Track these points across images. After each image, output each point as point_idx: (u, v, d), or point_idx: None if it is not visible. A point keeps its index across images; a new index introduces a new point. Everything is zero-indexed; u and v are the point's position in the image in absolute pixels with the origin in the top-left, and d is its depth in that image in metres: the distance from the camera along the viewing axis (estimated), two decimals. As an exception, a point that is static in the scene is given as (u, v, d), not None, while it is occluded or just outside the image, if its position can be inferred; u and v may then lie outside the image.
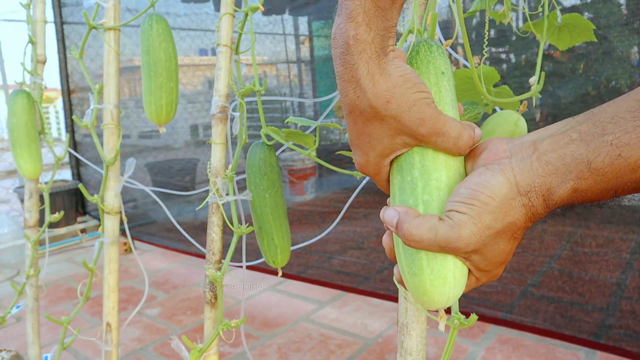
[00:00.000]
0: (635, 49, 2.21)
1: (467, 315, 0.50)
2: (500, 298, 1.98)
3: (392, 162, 0.47)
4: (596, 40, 0.65)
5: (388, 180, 0.48)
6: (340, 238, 2.78)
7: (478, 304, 1.91)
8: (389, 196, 0.49)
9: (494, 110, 0.64)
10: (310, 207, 3.66)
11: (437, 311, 0.46)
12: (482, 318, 1.87)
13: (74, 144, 3.55)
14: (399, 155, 0.46)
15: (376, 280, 2.26)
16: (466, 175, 0.45)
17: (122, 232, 1.21)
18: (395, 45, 0.46)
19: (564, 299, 1.94)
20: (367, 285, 2.25)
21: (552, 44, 0.68)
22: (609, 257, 2.20)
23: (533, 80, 0.60)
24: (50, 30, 3.39)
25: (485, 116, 0.63)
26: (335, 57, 0.43)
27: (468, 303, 1.91)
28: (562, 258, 2.27)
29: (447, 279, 0.43)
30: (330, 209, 3.53)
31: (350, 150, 0.49)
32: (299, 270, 2.46)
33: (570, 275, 2.12)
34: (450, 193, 0.43)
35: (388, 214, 0.45)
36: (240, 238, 0.81)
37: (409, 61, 0.47)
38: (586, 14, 2.25)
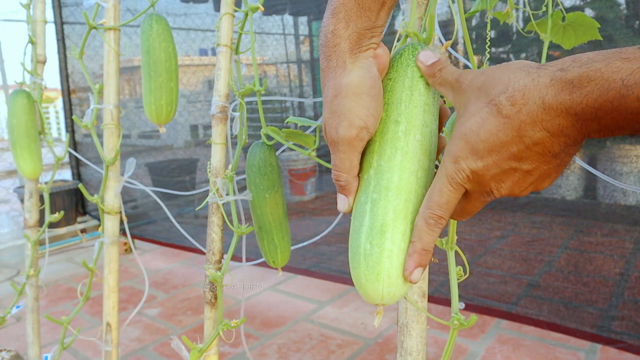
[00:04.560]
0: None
1: (476, 309, 0.51)
2: (506, 289, 1.98)
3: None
4: (601, 38, 0.65)
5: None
6: (340, 237, 2.78)
7: (484, 295, 1.91)
8: None
9: None
10: (310, 206, 3.66)
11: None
12: (487, 311, 1.87)
13: (74, 144, 3.55)
14: (364, 154, 0.47)
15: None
16: (432, 176, 0.47)
17: (122, 232, 1.21)
18: (384, 44, 0.47)
19: (568, 293, 1.94)
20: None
21: (556, 43, 0.67)
22: (613, 253, 2.21)
23: None
24: (50, 30, 3.39)
25: None
26: (318, 47, 0.47)
27: (475, 295, 1.91)
28: (563, 259, 2.28)
29: (381, 276, 0.43)
30: (330, 209, 3.53)
31: None
32: (300, 268, 2.46)
33: (576, 270, 2.12)
34: (399, 195, 0.44)
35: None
36: (240, 238, 0.81)
37: (391, 64, 0.48)
38: (586, 12, 2.25)
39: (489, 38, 0.68)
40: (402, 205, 0.44)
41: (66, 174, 4.22)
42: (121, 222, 1.09)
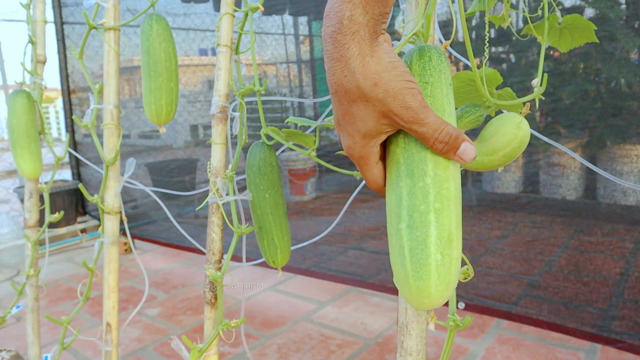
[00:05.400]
0: (636, 49, 2.21)
1: (476, 309, 0.52)
2: (506, 289, 1.98)
3: (392, 161, 0.47)
4: (597, 40, 0.65)
5: (375, 164, 0.48)
6: (340, 237, 2.78)
7: (484, 295, 1.91)
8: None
9: (498, 113, 0.64)
10: (310, 206, 3.66)
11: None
12: (487, 311, 1.87)
13: (74, 144, 3.55)
14: (410, 159, 0.46)
15: (376, 279, 2.26)
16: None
17: (122, 232, 1.21)
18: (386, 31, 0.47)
19: (568, 293, 1.94)
20: (368, 284, 2.25)
21: (553, 46, 0.68)
22: (613, 253, 2.20)
23: (535, 82, 0.60)
24: (50, 30, 3.39)
25: (488, 118, 0.63)
26: (325, 35, 0.44)
27: (475, 295, 1.91)
28: (563, 259, 2.28)
29: (450, 284, 0.44)
30: (330, 209, 3.54)
31: None
32: (300, 268, 2.46)
33: (576, 269, 2.12)
34: (457, 204, 0.45)
35: None
36: (240, 238, 0.81)
37: (421, 66, 0.48)
38: (587, 12, 2.26)
39: (487, 39, 0.68)
40: (459, 213, 0.45)
41: (66, 174, 4.22)
42: (121, 222, 1.10)
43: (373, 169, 0.48)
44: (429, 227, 0.44)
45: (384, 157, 0.49)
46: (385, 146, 0.49)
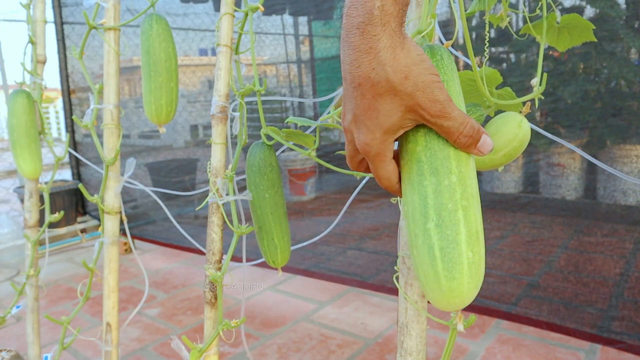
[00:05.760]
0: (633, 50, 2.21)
1: (477, 310, 0.52)
2: (506, 289, 1.98)
3: (412, 160, 0.47)
4: (596, 40, 0.65)
5: (390, 161, 0.48)
6: (340, 238, 2.78)
7: (484, 296, 1.91)
8: (385, 190, 0.50)
9: (497, 112, 0.65)
10: (310, 207, 3.66)
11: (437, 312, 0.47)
12: (487, 311, 1.87)
13: (74, 144, 3.55)
14: (433, 156, 0.46)
15: (376, 279, 2.26)
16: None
17: (122, 232, 1.21)
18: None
19: (568, 294, 1.94)
20: (367, 284, 2.25)
21: (552, 45, 0.68)
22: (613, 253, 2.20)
23: (535, 81, 0.60)
24: (50, 30, 3.39)
25: (488, 118, 0.63)
26: (350, 27, 0.42)
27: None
28: (563, 259, 2.28)
29: (479, 281, 0.44)
30: (329, 209, 3.53)
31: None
32: (300, 268, 2.46)
33: (576, 270, 2.12)
34: (478, 200, 0.45)
35: None
36: (240, 238, 0.81)
37: (434, 64, 0.48)
38: (587, 11, 2.26)
39: (487, 38, 0.68)
40: (480, 210, 0.46)
41: (66, 174, 4.22)
42: (121, 222, 1.10)
43: (388, 165, 0.48)
44: (458, 225, 0.43)
45: (395, 156, 0.49)
46: (398, 145, 0.49)
